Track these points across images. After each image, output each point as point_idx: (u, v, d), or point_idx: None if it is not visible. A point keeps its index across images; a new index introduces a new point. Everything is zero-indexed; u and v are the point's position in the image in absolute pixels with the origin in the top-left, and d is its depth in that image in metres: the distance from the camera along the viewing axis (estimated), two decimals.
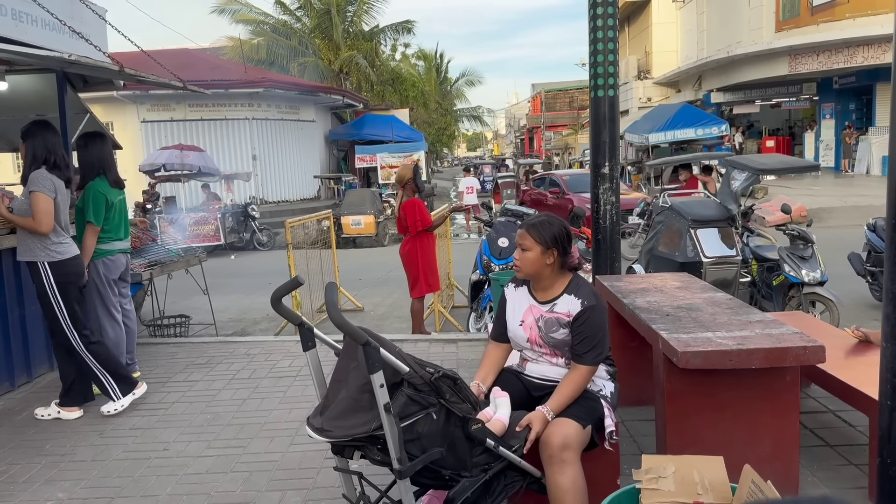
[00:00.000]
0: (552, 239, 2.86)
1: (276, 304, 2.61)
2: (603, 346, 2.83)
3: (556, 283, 2.94)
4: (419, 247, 6.62)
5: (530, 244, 2.87)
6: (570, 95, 53.24)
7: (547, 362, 2.96)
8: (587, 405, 2.80)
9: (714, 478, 2.33)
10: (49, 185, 4.30)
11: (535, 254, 2.86)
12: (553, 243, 2.86)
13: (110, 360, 4.59)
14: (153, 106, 20.10)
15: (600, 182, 5.31)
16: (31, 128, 4.44)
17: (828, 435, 3.82)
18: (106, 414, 4.52)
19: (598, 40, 5.20)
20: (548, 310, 2.92)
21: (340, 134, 26.38)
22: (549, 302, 2.93)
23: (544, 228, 2.88)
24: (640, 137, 20.89)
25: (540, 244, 2.86)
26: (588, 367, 2.80)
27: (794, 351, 2.91)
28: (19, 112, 7.06)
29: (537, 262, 2.87)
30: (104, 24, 6.31)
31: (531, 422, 2.68)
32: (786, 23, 22.11)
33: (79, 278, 4.55)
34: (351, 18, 31.26)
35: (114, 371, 4.58)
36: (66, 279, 4.43)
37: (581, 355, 2.81)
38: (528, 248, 2.87)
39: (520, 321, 2.99)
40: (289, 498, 3.39)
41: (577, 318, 2.82)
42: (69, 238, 4.53)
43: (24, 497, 3.52)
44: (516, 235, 2.97)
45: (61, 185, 4.43)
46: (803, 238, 6.24)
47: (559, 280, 2.95)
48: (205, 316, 7.62)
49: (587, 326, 2.80)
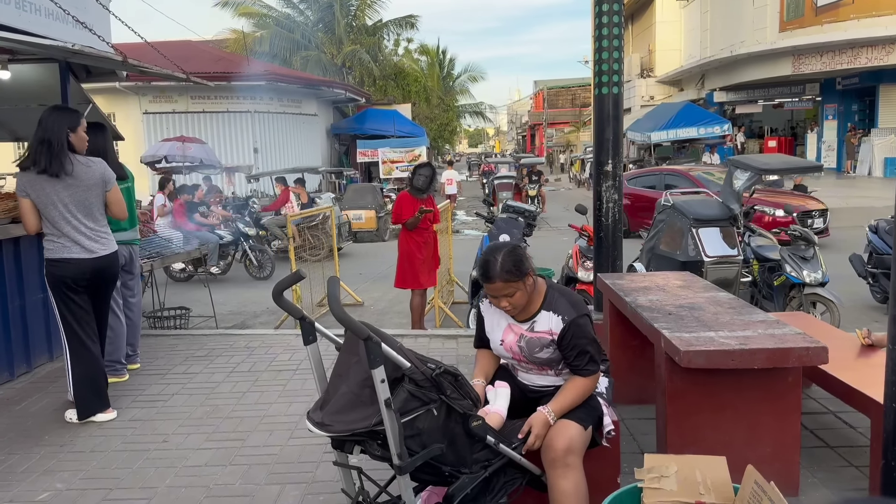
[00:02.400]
0: (522, 266, 2.73)
1: (278, 298, 2.60)
2: (597, 352, 2.77)
3: (532, 300, 2.83)
4: (401, 240, 6.87)
5: (512, 288, 2.72)
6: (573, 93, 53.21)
7: (537, 374, 2.93)
8: (587, 405, 2.79)
9: (716, 478, 2.32)
10: (19, 186, 4.09)
11: (521, 291, 2.73)
12: (525, 268, 2.73)
13: (85, 379, 4.28)
14: (155, 97, 20.05)
15: (603, 180, 5.29)
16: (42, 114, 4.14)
17: (828, 436, 3.82)
18: (67, 421, 4.32)
19: (604, 37, 5.18)
20: (528, 328, 2.83)
21: (342, 128, 26.35)
22: (528, 320, 2.84)
23: (510, 264, 2.70)
24: (643, 136, 20.90)
25: (519, 280, 2.71)
26: (589, 378, 2.75)
27: (797, 352, 2.90)
28: (21, 102, 7.04)
29: (525, 294, 2.76)
30: (108, 15, 6.29)
31: (532, 425, 2.64)
32: (790, 23, 22.06)
33: (59, 280, 4.17)
34: (354, 13, 31.21)
35: (85, 392, 4.29)
36: (50, 277, 4.18)
37: (581, 368, 2.74)
38: (513, 293, 2.73)
39: (500, 340, 2.91)
40: (288, 491, 3.39)
41: (563, 336, 2.74)
42: (69, 241, 4.16)
43: (23, 487, 3.51)
44: (488, 290, 2.78)
45: (38, 180, 4.05)
46: (805, 239, 6.23)
47: (534, 296, 2.84)
48: (205, 308, 7.62)
49: (575, 340, 2.72)
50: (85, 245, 4.22)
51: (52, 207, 4.11)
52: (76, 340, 4.26)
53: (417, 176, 6.88)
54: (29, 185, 4.07)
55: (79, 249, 4.20)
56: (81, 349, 4.27)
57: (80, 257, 4.20)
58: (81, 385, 4.29)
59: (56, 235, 4.16)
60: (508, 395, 2.76)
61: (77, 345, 4.26)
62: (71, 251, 4.17)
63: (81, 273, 4.22)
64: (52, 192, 4.10)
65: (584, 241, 6.81)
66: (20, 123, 7.61)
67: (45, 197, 4.10)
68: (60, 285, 4.20)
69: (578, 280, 6.57)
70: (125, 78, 8.68)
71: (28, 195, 4.09)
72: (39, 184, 4.07)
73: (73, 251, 4.18)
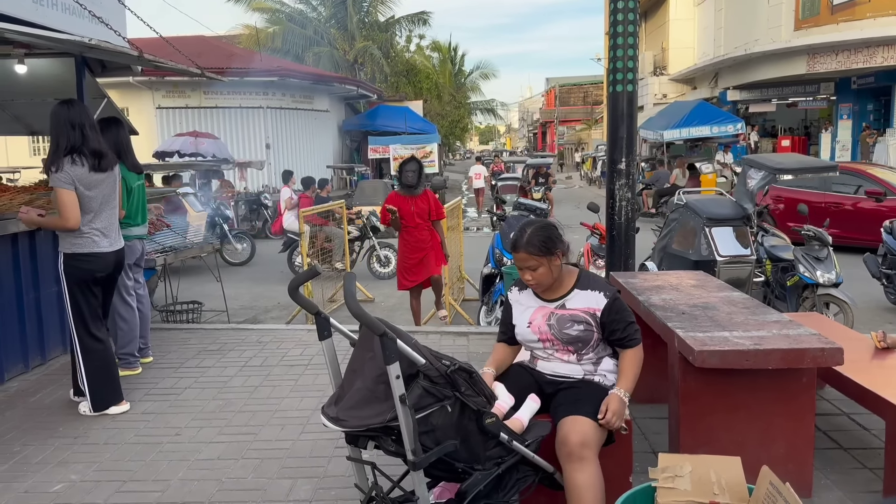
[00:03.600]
0: (550, 245, 2.82)
1: (294, 293, 2.61)
2: (636, 323, 2.89)
3: (564, 280, 2.94)
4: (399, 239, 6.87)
5: (535, 262, 2.82)
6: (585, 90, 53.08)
7: (558, 360, 2.95)
8: (599, 400, 2.79)
9: (731, 478, 2.31)
10: (63, 178, 4.02)
11: (544, 268, 2.83)
12: (553, 248, 2.83)
13: (99, 371, 4.31)
14: (168, 92, 20.13)
15: (616, 178, 5.28)
16: (54, 109, 4.14)
17: (842, 438, 3.79)
18: (81, 413, 4.33)
19: (618, 34, 5.16)
20: (558, 306, 2.92)
21: (354, 124, 26.36)
22: (558, 299, 2.93)
23: (537, 240, 2.82)
24: (655, 134, 20.78)
25: (543, 256, 2.81)
26: (638, 348, 2.86)
27: (812, 352, 2.89)
28: (37, 96, 7.09)
29: (549, 273, 2.85)
30: (123, 10, 6.32)
31: (608, 404, 2.71)
32: (805, 21, 21.88)
33: (87, 274, 4.23)
34: (366, 9, 31.22)
35: (99, 385, 4.32)
36: (75, 272, 4.19)
37: (631, 339, 2.85)
38: (536, 267, 2.83)
39: (527, 323, 2.98)
40: (299, 486, 3.40)
41: (609, 310, 2.85)
42: (99, 234, 4.23)
43: (38, 478, 3.54)
44: (515, 259, 2.90)
45: (85, 174, 4.10)
46: (819, 239, 6.19)
47: (566, 276, 2.95)
48: (217, 303, 7.65)
49: (621, 313, 2.85)
50: (111, 238, 4.33)
51: (95, 201, 4.19)
52: (88, 335, 4.28)
53: (405, 173, 6.63)
54: (78, 178, 4.08)
55: (106, 243, 4.29)
56: (94, 342, 4.30)
57: (107, 251, 4.29)
58: (95, 378, 4.31)
59: (88, 230, 4.19)
60: (535, 409, 2.76)
61: (90, 339, 4.29)
62: (99, 245, 4.24)
63: (105, 266, 4.31)
64: (97, 185, 4.19)
65: (595, 240, 6.79)
66: (36, 117, 7.68)
67: (92, 190, 4.16)
68: (86, 279, 4.25)
69: None
70: (140, 73, 8.72)
71: (75, 188, 4.07)
72: (88, 177, 4.13)
73: (100, 245, 4.25)
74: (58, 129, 4.08)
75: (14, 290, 5.04)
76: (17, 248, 5.05)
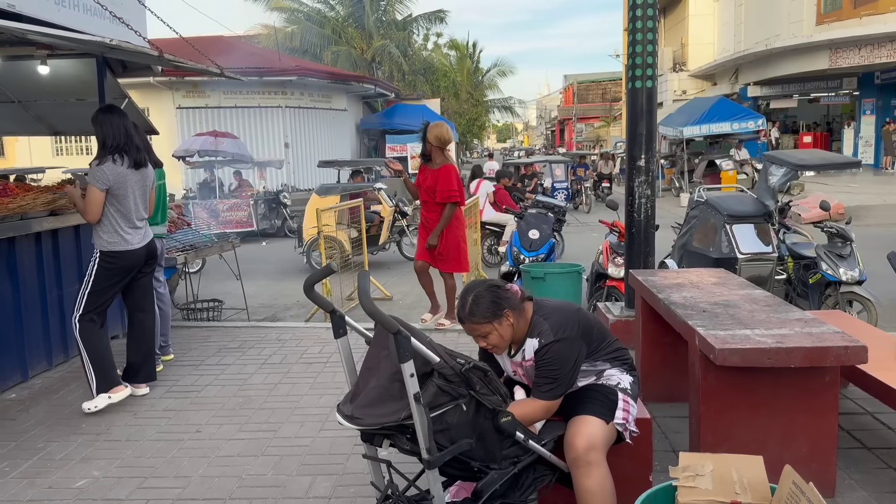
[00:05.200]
0: (495, 308, 2.63)
1: (309, 292, 2.61)
2: (564, 382, 2.65)
3: (522, 331, 2.74)
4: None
5: (485, 330, 2.64)
6: (603, 87, 52.78)
7: None
8: (607, 400, 2.75)
9: (753, 477, 2.29)
10: (100, 177, 4.24)
11: (495, 333, 2.65)
12: (498, 311, 2.63)
13: (99, 353, 4.39)
14: (188, 92, 20.29)
15: (636, 175, 5.24)
16: (98, 114, 4.38)
17: (866, 437, 3.74)
18: (86, 411, 4.33)
19: (637, 30, 5.13)
20: (521, 359, 2.78)
21: (371, 123, 26.42)
22: (518, 352, 2.78)
23: (481, 308, 2.62)
24: (675, 130, 20.61)
25: (490, 322, 2.63)
26: (546, 403, 2.64)
27: (835, 350, 2.85)
28: (60, 97, 7.18)
29: (502, 335, 2.66)
30: (144, 10, 6.38)
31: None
32: (827, 16, 21.60)
33: (119, 270, 4.41)
34: (384, 7, 31.24)
35: (98, 366, 4.37)
36: (109, 268, 4.36)
37: (539, 390, 2.65)
38: (486, 334, 2.65)
39: (512, 371, 2.88)
40: (319, 483, 3.42)
41: (536, 355, 2.68)
42: (133, 230, 4.42)
43: (61, 474, 3.59)
44: (464, 328, 2.70)
45: (124, 172, 4.33)
46: (842, 236, 6.10)
47: (525, 325, 2.74)
48: (237, 301, 7.70)
49: (544, 362, 2.64)
50: (144, 233, 4.55)
51: (131, 199, 4.40)
52: (90, 320, 4.38)
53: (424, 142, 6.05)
54: (114, 176, 4.30)
55: (138, 239, 4.48)
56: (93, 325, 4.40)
57: (138, 247, 4.48)
58: (96, 360, 4.37)
59: (121, 227, 4.38)
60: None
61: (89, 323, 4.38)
62: (130, 242, 4.43)
63: (137, 262, 4.51)
64: (133, 182, 4.41)
65: (614, 237, 6.75)
66: (59, 118, 7.77)
67: (127, 188, 4.37)
68: (118, 274, 4.41)
69: (609, 276, 6.52)
70: (160, 73, 8.78)
71: (109, 186, 4.28)
72: (124, 175, 4.35)
73: (132, 242, 4.44)
74: (104, 130, 4.33)
75: (38, 288, 5.11)
76: (40, 246, 5.12)
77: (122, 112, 4.50)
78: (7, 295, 4.82)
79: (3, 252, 4.79)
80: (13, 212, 4.84)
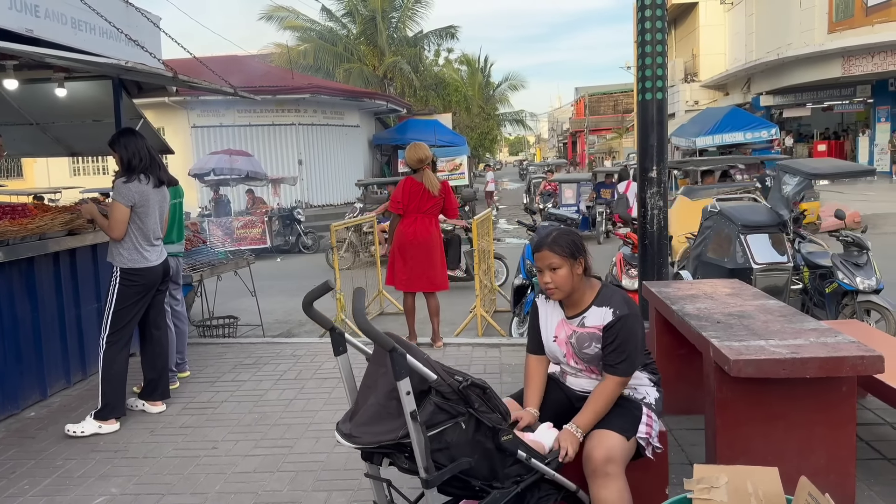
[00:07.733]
0: (575, 248, 2.76)
1: (308, 309, 2.59)
2: (636, 356, 2.74)
3: (584, 295, 2.84)
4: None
5: (558, 261, 2.74)
6: (615, 99, 52.74)
7: (586, 378, 2.91)
8: (630, 415, 2.75)
9: (768, 489, 2.27)
10: (126, 195, 4.33)
11: (565, 269, 2.75)
12: (577, 252, 2.76)
13: (114, 380, 4.43)
14: (203, 112, 20.52)
15: (648, 186, 5.25)
16: (117, 137, 4.49)
17: (885, 448, 3.70)
18: (68, 433, 4.33)
19: (647, 42, 5.15)
20: (578, 324, 2.84)
21: (384, 138, 26.57)
22: (577, 316, 2.85)
23: (564, 241, 2.76)
24: (688, 141, 20.55)
25: (567, 258, 2.74)
26: (620, 379, 2.72)
27: (851, 360, 2.82)
28: (77, 118, 7.30)
29: (570, 277, 2.76)
30: (158, 32, 6.48)
31: (561, 443, 2.62)
32: (839, 24, 21.53)
33: (140, 288, 4.47)
34: (395, 24, 31.50)
35: (108, 393, 4.40)
36: (130, 286, 4.41)
37: (613, 366, 2.72)
38: (557, 266, 2.75)
39: (553, 336, 2.92)
40: (334, 499, 3.42)
41: (609, 327, 2.74)
42: (151, 248, 4.52)
43: (80, 491, 3.62)
44: (536, 260, 2.82)
45: (148, 191, 4.44)
46: (858, 245, 6.05)
47: (588, 291, 2.85)
48: (252, 317, 7.75)
49: (619, 335, 2.71)
50: (160, 251, 4.64)
51: (152, 217, 4.50)
52: (117, 348, 4.43)
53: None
54: (139, 194, 4.40)
55: (156, 256, 4.57)
56: (119, 356, 4.45)
57: (156, 264, 4.56)
58: (111, 384, 4.41)
59: (140, 245, 4.46)
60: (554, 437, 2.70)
61: (115, 352, 4.43)
62: (149, 259, 4.51)
63: (156, 279, 4.58)
64: (155, 201, 4.52)
65: (628, 249, 6.74)
66: (76, 139, 7.89)
67: (150, 206, 4.47)
68: (139, 292, 4.47)
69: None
70: (175, 93, 8.91)
71: (134, 204, 4.38)
72: (148, 193, 4.45)
73: (150, 259, 4.52)
74: (129, 151, 4.42)
75: (56, 307, 5.18)
76: (58, 266, 5.19)
77: (140, 134, 4.60)
78: (26, 314, 4.89)
79: (22, 272, 4.85)
80: (32, 232, 4.91)
